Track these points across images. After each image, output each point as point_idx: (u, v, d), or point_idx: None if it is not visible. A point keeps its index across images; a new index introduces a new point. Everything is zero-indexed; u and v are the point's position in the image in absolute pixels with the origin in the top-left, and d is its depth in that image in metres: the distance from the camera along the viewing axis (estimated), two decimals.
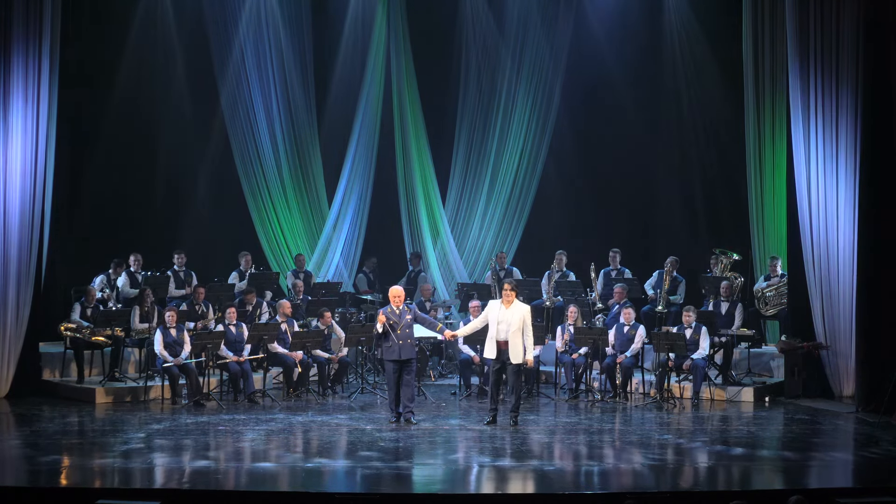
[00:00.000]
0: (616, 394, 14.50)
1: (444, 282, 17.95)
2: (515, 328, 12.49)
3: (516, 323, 12.49)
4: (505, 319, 12.53)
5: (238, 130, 17.85)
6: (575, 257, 17.05)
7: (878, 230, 13.89)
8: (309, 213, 18.14)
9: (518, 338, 12.50)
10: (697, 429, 12.96)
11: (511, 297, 12.58)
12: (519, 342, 12.50)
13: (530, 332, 12.61)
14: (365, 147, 18.00)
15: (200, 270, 16.54)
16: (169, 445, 11.58)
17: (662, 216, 18.47)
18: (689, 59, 18.11)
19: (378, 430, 12.38)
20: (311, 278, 17.02)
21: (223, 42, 17.76)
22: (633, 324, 14.69)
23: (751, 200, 16.74)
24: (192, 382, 13.97)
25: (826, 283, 14.41)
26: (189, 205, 18.00)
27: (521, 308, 12.63)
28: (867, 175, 13.99)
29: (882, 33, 13.89)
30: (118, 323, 14.59)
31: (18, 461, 10.98)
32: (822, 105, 14.34)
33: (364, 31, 18.12)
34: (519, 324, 12.49)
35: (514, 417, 12.63)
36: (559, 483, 10.27)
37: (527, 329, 12.55)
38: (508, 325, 12.49)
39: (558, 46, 18.11)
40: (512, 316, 12.52)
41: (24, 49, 14.12)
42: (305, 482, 10.23)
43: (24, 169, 14.18)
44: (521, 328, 12.50)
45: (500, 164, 18.17)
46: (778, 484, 10.57)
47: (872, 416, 13.15)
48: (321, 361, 14.84)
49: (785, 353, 14.81)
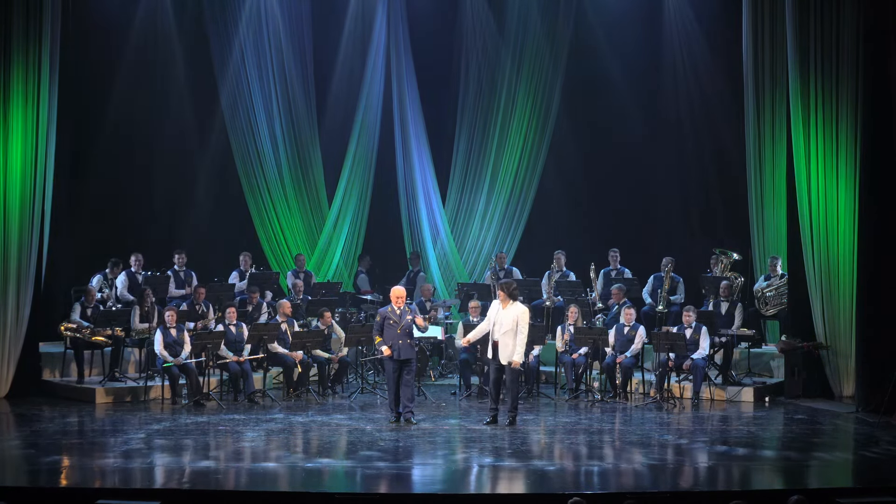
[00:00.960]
0: (616, 394, 14.50)
1: (444, 282, 17.96)
2: (507, 329, 12.50)
3: (508, 324, 12.51)
4: (499, 320, 12.59)
5: (238, 130, 17.85)
6: (575, 257, 17.05)
7: (878, 230, 13.88)
8: (309, 213, 18.14)
9: (509, 338, 12.50)
10: (697, 429, 12.96)
11: (503, 298, 12.61)
12: (510, 343, 12.50)
13: (523, 334, 12.54)
14: (365, 147, 18.01)
15: (200, 270, 16.55)
16: (169, 445, 11.58)
17: (662, 216, 18.47)
18: (689, 60, 18.11)
19: (378, 430, 12.38)
20: (311, 278, 17.02)
21: (223, 42, 17.76)
22: (634, 324, 14.69)
23: (751, 200, 16.72)
24: (192, 382, 13.98)
25: (826, 283, 14.41)
26: (189, 205, 17.99)
27: (516, 309, 12.61)
28: (867, 175, 13.99)
29: (882, 34, 13.89)
30: (118, 323, 14.59)
31: (18, 461, 10.98)
32: (822, 105, 14.34)
33: (364, 31, 18.13)
34: (511, 324, 12.49)
35: (510, 417, 12.64)
36: (559, 483, 10.27)
37: (520, 330, 12.51)
38: (501, 326, 12.55)
39: (558, 46, 18.11)
40: (506, 316, 12.55)
41: (24, 49, 14.13)
42: (305, 482, 10.23)
43: (24, 169, 14.19)
44: (513, 329, 12.49)
45: (500, 164, 18.16)
46: (778, 484, 10.58)
47: (872, 416, 13.14)
48: (321, 361, 14.84)
49: (785, 353, 14.81)
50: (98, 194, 17.27)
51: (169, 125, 17.85)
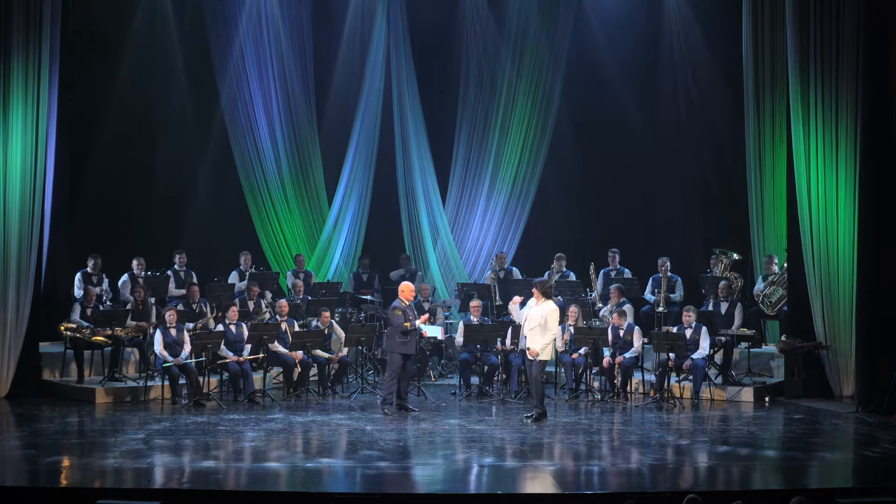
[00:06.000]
0: (615, 394, 14.50)
1: (444, 282, 17.95)
2: (535, 325, 12.82)
3: (537, 319, 12.82)
4: (530, 316, 12.94)
5: (238, 130, 17.85)
6: (575, 257, 17.04)
7: (878, 230, 13.89)
8: (309, 213, 18.14)
9: (536, 334, 12.81)
10: (697, 429, 12.95)
11: (537, 295, 12.91)
12: (537, 339, 12.81)
13: (550, 331, 12.82)
14: (365, 147, 18.00)
15: (200, 270, 16.55)
16: (169, 445, 11.58)
17: (662, 216, 18.48)
18: (689, 60, 18.11)
19: (378, 430, 12.38)
20: (311, 278, 17.02)
21: (223, 42, 17.76)
22: (628, 326, 14.67)
23: (751, 200, 16.73)
24: (192, 382, 13.98)
25: (826, 283, 14.41)
26: (189, 205, 17.99)
27: (546, 307, 12.87)
28: (867, 175, 13.99)
29: (882, 34, 13.89)
30: (118, 323, 14.59)
31: (18, 461, 10.97)
32: (822, 105, 14.34)
33: (364, 31, 18.13)
34: (539, 320, 12.79)
35: (535, 413, 12.88)
36: (559, 483, 10.27)
37: (548, 327, 12.79)
38: (530, 322, 12.89)
39: (558, 46, 18.11)
40: (536, 313, 12.89)
41: (24, 49, 14.12)
42: (305, 482, 10.24)
43: (24, 169, 14.18)
44: (541, 325, 12.78)
45: (500, 164, 18.17)
46: (778, 484, 10.57)
47: (872, 416, 13.14)
48: (321, 361, 14.84)
49: (785, 353, 14.81)
50: (98, 194, 17.25)
51: (169, 125, 17.84)
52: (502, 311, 16.06)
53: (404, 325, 13.33)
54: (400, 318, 13.36)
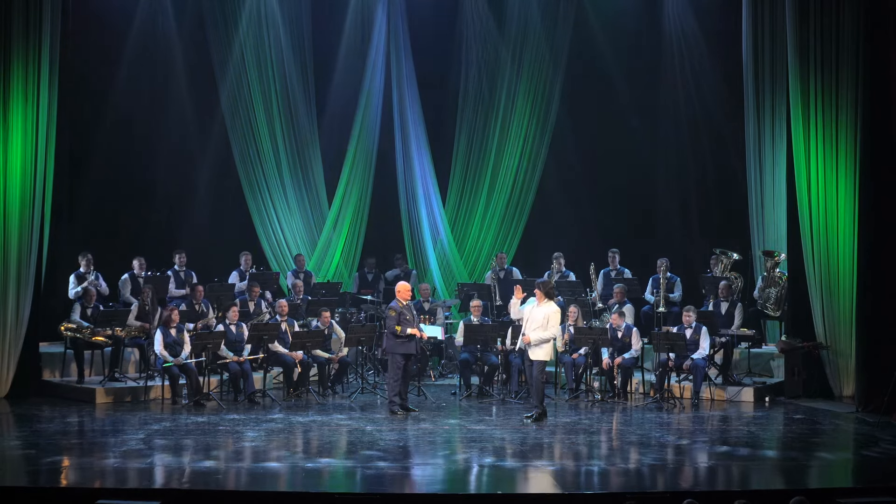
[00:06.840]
0: (615, 394, 14.51)
1: (445, 282, 17.95)
2: (537, 325, 12.83)
3: (539, 320, 12.82)
4: (532, 316, 12.92)
5: (238, 130, 17.85)
6: (575, 257, 17.04)
7: (878, 230, 13.89)
8: (309, 213, 18.14)
9: (538, 335, 12.81)
10: (697, 429, 12.95)
11: (539, 296, 12.93)
12: (538, 339, 12.81)
13: (549, 331, 12.84)
14: (365, 147, 18.00)
15: (200, 270, 16.54)
16: (169, 445, 11.58)
17: (662, 216, 18.48)
18: (689, 60, 18.11)
19: (378, 430, 12.38)
20: (311, 278, 17.02)
21: (223, 42, 17.76)
22: (626, 327, 14.67)
23: (751, 200, 16.74)
24: (192, 382, 13.98)
25: (826, 283, 14.41)
26: (189, 205, 17.99)
27: (548, 308, 12.90)
28: (867, 175, 14.00)
29: (882, 33, 13.90)
30: (118, 323, 14.59)
31: (18, 461, 10.97)
32: (822, 105, 14.35)
33: (364, 31, 18.12)
34: (542, 321, 12.81)
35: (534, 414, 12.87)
36: (559, 483, 10.27)
37: (548, 328, 12.80)
38: (532, 322, 12.88)
39: (558, 46, 18.11)
40: (538, 313, 12.89)
41: (24, 49, 14.12)
42: (305, 482, 10.23)
43: (24, 169, 14.18)
44: (543, 326, 12.81)
45: (500, 164, 18.17)
46: (778, 484, 10.57)
47: (872, 416, 13.14)
48: (321, 361, 14.84)
49: (785, 353, 14.81)
50: (98, 194, 17.25)
51: (169, 125, 17.84)
52: (502, 311, 16.06)
53: (395, 329, 13.32)
54: (393, 320, 13.34)
